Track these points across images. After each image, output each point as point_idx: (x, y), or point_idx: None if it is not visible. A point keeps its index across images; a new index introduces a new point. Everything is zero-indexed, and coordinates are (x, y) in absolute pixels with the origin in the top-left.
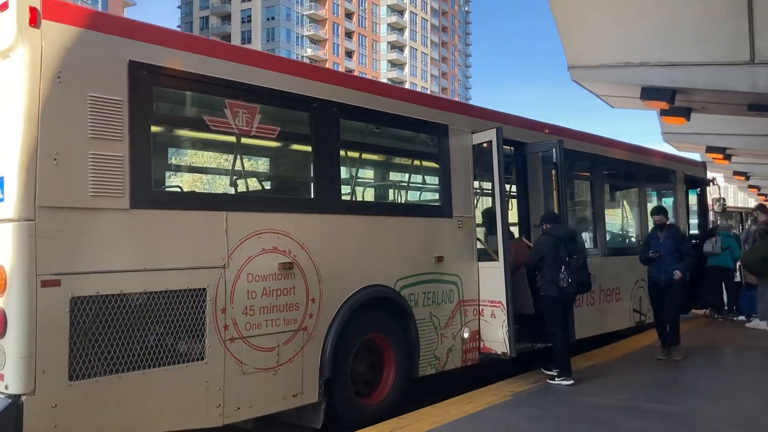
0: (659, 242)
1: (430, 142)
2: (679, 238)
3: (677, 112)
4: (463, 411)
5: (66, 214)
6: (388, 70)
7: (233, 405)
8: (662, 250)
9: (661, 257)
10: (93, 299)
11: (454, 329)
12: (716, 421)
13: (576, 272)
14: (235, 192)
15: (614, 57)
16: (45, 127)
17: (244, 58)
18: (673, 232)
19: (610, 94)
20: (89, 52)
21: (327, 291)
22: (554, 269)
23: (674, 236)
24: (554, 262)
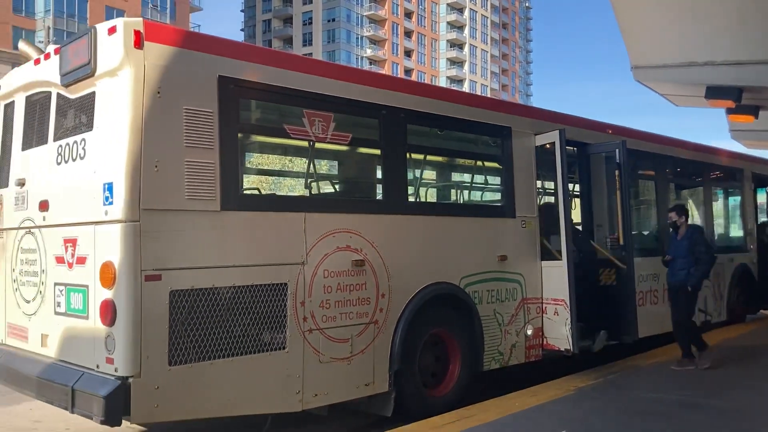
0: (675, 243)
1: (493, 144)
2: (695, 240)
3: (744, 110)
4: (527, 403)
5: (166, 216)
6: (448, 68)
7: (311, 392)
8: (675, 253)
9: (673, 260)
10: (189, 292)
11: (518, 326)
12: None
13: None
14: (312, 194)
15: (678, 56)
16: (148, 138)
17: (320, 70)
18: (690, 233)
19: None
20: (185, 68)
21: (396, 287)
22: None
23: (690, 238)
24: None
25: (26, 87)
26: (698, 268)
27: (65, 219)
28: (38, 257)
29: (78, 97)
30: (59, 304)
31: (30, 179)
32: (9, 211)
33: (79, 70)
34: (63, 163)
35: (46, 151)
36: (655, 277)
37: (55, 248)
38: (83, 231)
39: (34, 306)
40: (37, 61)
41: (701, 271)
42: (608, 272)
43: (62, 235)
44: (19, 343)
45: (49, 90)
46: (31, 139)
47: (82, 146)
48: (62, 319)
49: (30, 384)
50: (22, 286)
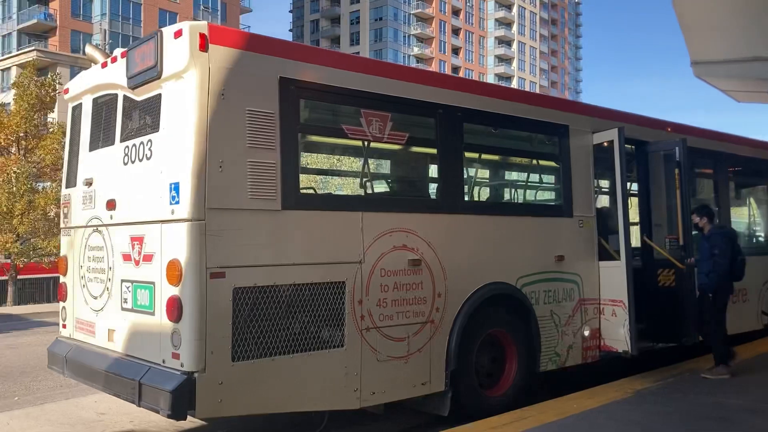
0: (699, 245)
1: (550, 142)
2: (713, 243)
3: None
4: (584, 405)
5: (229, 215)
6: (495, 65)
7: (369, 390)
8: (700, 255)
9: (699, 262)
10: (251, 290)
11: (575, 327)
12: None
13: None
14: (369, 194)
15: (741, 51)
16: (212, 139)
17: (378, 69)
18: (710, 234)
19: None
20: (247, 70)
21: (452, 287)
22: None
23: (709, 239)
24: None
25: (93, 89)
26: (712, 275)
27: (132, 218)
28: (105, 255)
29: (144, 99)
30: (126, 300)
31: (97, 179)
32: (77, 210)
33: (145, 72)
34: (130, 163)
35: (113, 152)
36: None
37: (122, 246)
38: (150, 229)
39: (101, 302)
40: (105, 64)
41: (715, 274)
42: (667, 273)
43: (129, 233)
44: (87, 337)
45: (116, 92)
46: (98, 140)
47: (148, 147)
48: (129, 315)
49: (98, 377)
50: (89, 283)
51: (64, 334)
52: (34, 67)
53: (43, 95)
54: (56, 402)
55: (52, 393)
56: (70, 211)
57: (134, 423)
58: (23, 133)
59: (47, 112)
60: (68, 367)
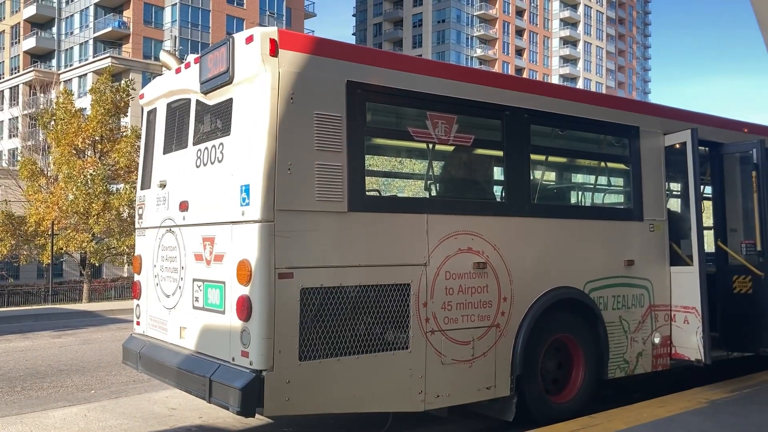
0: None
1: (620, 144)
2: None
3: None
4: (655, 414)
5: (298, 216)
6: (560, 66)
7: (433, 392)
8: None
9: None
10: (318, 290)
11: (645, 334)
12: None
13: None
14: (434, 196)
15: None
16: (281, 142)
17: (443, 72)
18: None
19: None
20: (315, 74)
21: (518, 290)
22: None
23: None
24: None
25: (167, 94)
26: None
27: (204, 219)
28: (178, 254)
29: (216, 103)
30: (197, 298)
31: (171, 181)
32: (151, 210)
33: (217, 77)
34: (202, 166)
35: (186, 155)
36: None
37: (194, 246)
38: (221, 230)
39: (173, 300)
40: (178, 70)
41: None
42: (743, 279)
43: (201, 234)
44: (160, 334)
45: (189, 97)
46: (171, 144)
47: (220, 150)
48: (200, 313)
49: (170, 373)
50: (162, 281)
51: (137, 330)
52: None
53: (118, 100)
54: (130, 396)
55: (126, 387)
56: (144, 211)
57: (203, 419)
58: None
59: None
60: (141, 362)
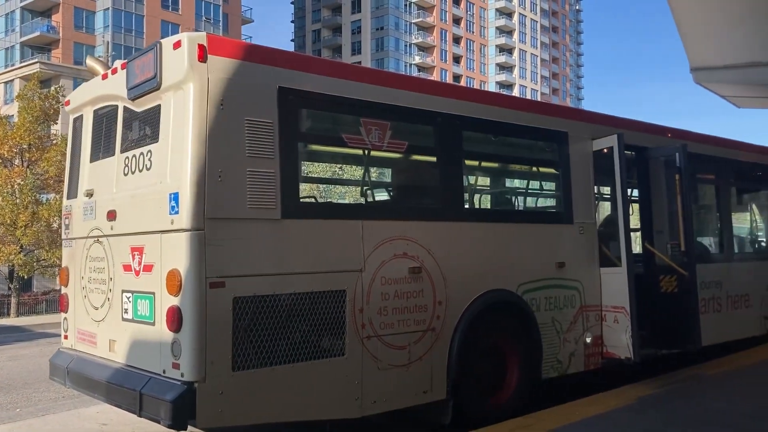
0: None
1: (550, 149)
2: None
3: None
4: (588, 412)
5: (229, 224)
6: (497, 73)
7: (370, 398)
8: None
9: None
10: (251, 299)
11: (577, 334)
12: None
13: None
14: (369, 202)
15: (740, 57)
16: (211, 149)
17: (376, 78)
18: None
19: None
20: (246, 80)
21: (452, 294)
22: None
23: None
24: None
25: (94, 101)
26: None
27: (132, 228)
28: (106, 265)
29: (144, 110)
30: (126, 310)
31: (98, 190)
32: (78, 221)
33: (145, 83)
34: (130, 174)
35: (113, 163)
36: (718, 284)
37: (122, 256)
38: (150, 240)
39: (102, 312)
40: (105, 76)
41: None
42: (669, 279)
43: (129, 244)
44: (88, 348)
45: (116, 104)
46: (98, 151)
47: (148, 157)
48: (129, 326)
49: (99, 388)
50: (90, 293)
51: (65, 345)
52: (37, 80)
53: (47, 107)
54: (58, 413)
55: (54, 404)
56: (71, 222)
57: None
58: (27, 145)
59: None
60: (70, 377)
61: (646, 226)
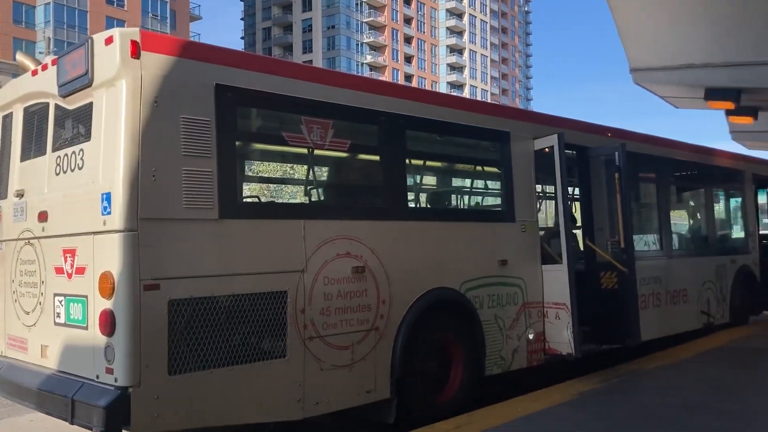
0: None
1: (492, 149)
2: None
3: (744, 111)
4: (529, 409)
5: (164, 225)
6: (448, 73)
7: (313, 399)
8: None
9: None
10: (188, 301)
11: (519, 330)
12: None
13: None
14: (311, 201)
15: (677, 59)
16: (145, 147)
17: (317, 76)
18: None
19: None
20: (181, 77)
21: (396, 293)
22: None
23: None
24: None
25: (24, 98)
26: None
27: (64, 229)
28: (37, 268)
29: (76, 107)
30: (59, 314)
31: (29, 190)
32: (8, 222)
33: (76, 80)
34: (61, 173)
35: (44, 162)
36: (657, 280)
37: (54, 259)
38: (82, 241)
39: (33, 317)
40: (35, 72)
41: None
42: (610, 275)
43: (61, 246)
44: (19, 354)
45: (47, 101)
46: (29, 151)
47: (80, 157)
48: (62, 330)
49: (30, 396)
50: (21, 298)
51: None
52: None
53: None
54: None
55: None
56: (1, 223)
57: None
58: None
59: None
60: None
61: (587, 223)
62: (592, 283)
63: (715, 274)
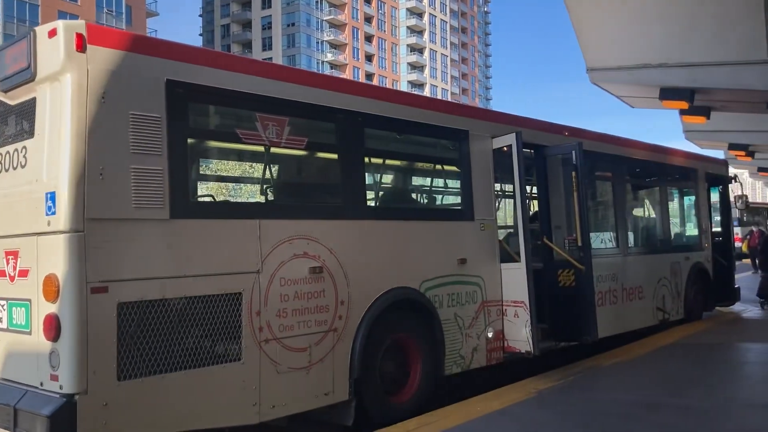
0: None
1: (451, 147)
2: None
3: (697, 111)
4: (489, 408)
5: (112, 225)
6: (408, 72)
7: (269, 403)
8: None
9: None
10: (138, 304)
11: (479, 329)
12: (736, 413)
13: None
14: (267, 200)
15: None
16: (92, 145)
17: (273, 72)
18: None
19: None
20: (130, 72)
21: (355, 293)
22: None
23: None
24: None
25: None
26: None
27: (6, 230)
28: None
29: (18, 103)
30: (1, 319)
31: None
32: None
33: (18, 75)
34: (3, 171)
35: None
36: (614, 277)
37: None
38: (25, 243)
39: None
40: None
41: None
42: (567, 273)
43: (3, 248)
44: None
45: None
46: None
47: (23, 154)
48: (4, 336)
49: None
50: None
51: None
52: None
53: None
54: None
55: None
56: None
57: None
58: None
59: None
60: None
61: (545, 222)
62: (550, 281)
63: (670, 271)
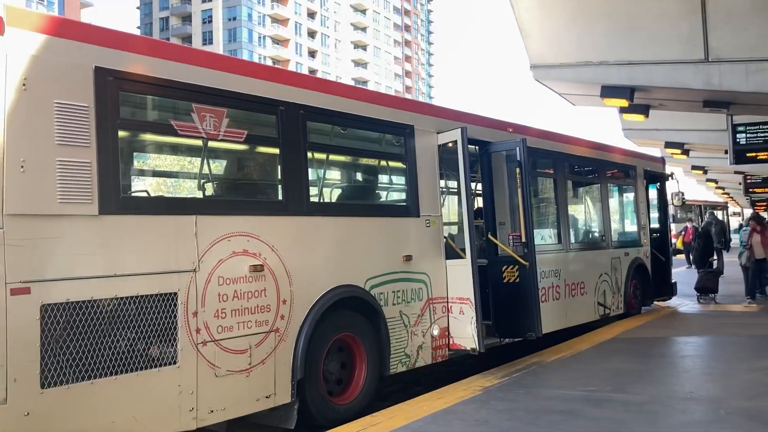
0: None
1: (396, 142)
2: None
3: (636, 109)
4: (434, 407)
5: (34, 222)
6: (353, 69)
7: (206, 408)
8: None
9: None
10: (64, 306)
11: (424, 327)
12: (677, 407)
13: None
14: (204, 196)
15: (574, 56)
16: (11, 136)
17: (211, 62)
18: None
19: (571, 93)
20: (55, 58)
21: (297, 292)
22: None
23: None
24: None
25: None
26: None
27: None
28: None
29: None
30: None
31: None
32: None
33: None
34: None
35: None
36: (557, 273)
37: None
38: None
39: None
40: None
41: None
42: (512, 269)
43: None
44: None
45: None
46: None
47: None
48: None
49: None
50: None
51: None
52: None
53: None
54: None
55: None
56: None
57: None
58: None
59: None
60: None
61: (490, 218)
62: (495, 278)
63: (611, 266)
